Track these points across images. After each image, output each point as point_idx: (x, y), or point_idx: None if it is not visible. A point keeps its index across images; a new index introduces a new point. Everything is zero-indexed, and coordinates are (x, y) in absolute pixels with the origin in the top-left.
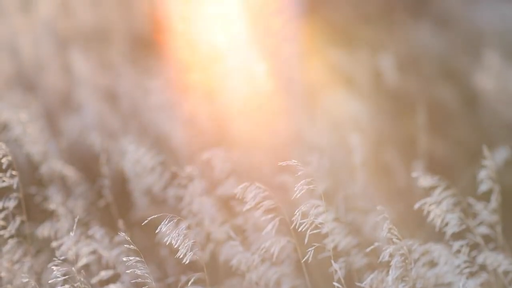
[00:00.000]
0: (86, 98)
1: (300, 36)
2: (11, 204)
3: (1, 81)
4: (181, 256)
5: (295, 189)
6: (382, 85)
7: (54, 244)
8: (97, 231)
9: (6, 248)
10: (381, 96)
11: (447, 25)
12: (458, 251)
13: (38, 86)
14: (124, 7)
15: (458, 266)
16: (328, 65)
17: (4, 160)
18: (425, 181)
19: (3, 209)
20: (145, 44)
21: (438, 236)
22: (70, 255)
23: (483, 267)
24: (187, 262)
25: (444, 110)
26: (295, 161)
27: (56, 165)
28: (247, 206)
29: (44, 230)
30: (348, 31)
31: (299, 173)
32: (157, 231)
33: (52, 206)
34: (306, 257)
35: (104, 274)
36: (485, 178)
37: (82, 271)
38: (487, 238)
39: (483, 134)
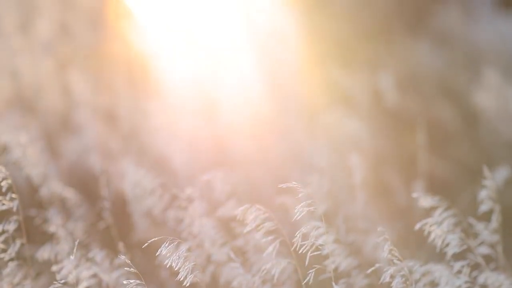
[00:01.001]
0: (85, 120)
1: (299, 55)
2: (11, 227)
3: (1, 102)
4: (181, 279)
5: (296, 211)
6: (382, 104)
7: (54, 267)
8: (97, 253)
9: (6, 271)
10: (381, 115)
11: (447, 43)
12: (459, 272)
13: (37, 107)
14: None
15: (459, 286)
16: (327, 84)
17: (4, 183)
18: (425, 201)
19: (3, 232)
20: (144, 66)
21: (439, 256)
22: (71, 278)
23: None
24: (187, 284)
25: (444, 129)
26: (295, 183)
27: (56, 187)
28: (248, 228)
29: (44, 253)
30: (347, 49)
31: (299, 195)
32: (157, 253)
33: (52, 228)
34: (307, 279)
35: None
36: (485, 198)
37: None
38: (488, 258)
39: (483, 153)
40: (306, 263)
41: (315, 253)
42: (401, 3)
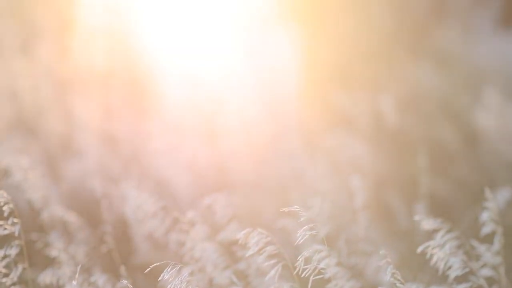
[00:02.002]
0: (86, 143)
1: (299, 77)
2: (13, 251)
3: (1, 126)
4: None
5: (298, 234)
6: (383, 125)
7: None
8: (99, 277)
9: None
10: (382, 136)
11: (447, 64)
12: None
13: (38, 130)
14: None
15: None
16: (328, 106)
17: (5, 208)
18: (427, 224)
19: (5, 256)
20: (145, 88)
21: (441, 279)
22: None
23: None
24: None
25: (445, 150)
26: (297, 207)
27: (57, 211)
28: (250, 252)
29: (46, 277)
30: (348, 71)
31: (301, 219)
32: (159, 278)
33: (54, 252)
34: None
35: None
36: (487, 220)
37: None
38: (490, 281)
39: (484, 174)
40: (309, 286)
41: (318, 276)
42: (401, 24)
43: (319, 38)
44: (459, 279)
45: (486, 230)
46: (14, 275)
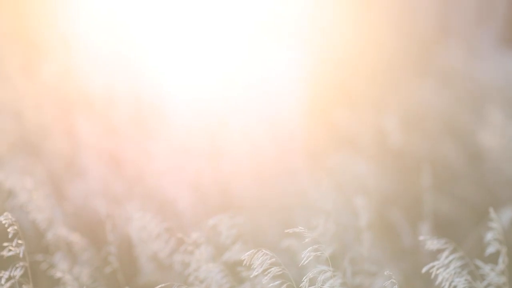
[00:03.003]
0: (90, 163)
1: (303, 96)
2: (17, 273)
3: (5, 146)
4: None
5: (303, 255)
6: (386, 144)
7: None
8: None
9: None
10: (386, 156)
11: (451, 82)
12: None
13: (42, 151)
14: (129, 71)
15: None
16: (331, 126)
17: (10, 229)
18: (432, 244)
19: (10, 278)
20: (150, 108)
21: None
22: None
23: None
24: None
25: (449, 169)
26: (301, 228)
27: (61, 232)
28: (255, 273)
29: None
30: (351, 90)
31: (306, 240)
32: None
33: (58, 273)
34: None
35: None
36: (492, 239)
37: None
38: None
39: (488, 192)
40: None
41: None
42: (404, 44)
43: (323, 58)
44: None
45: (490, 250)
46: None
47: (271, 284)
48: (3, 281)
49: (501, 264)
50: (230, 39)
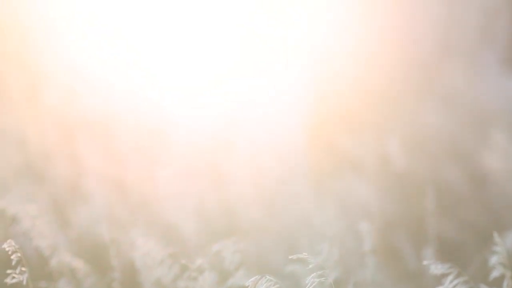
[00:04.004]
0: (94, 189)
1: (305, 120)
2: None
3: (9, 173)
4: None
5: (307, 281)
6: (390, 168)
7: None
8: None
9: None
10: (389, 179)
11: (454, 104)
12: None
13: (46, 177)
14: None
15: None
16: (334, 149)
17: (13, 257)
18: (436, 268)
19: None
20: (153, 134)
21: None
22: None
23: None
24: None
25: (453, 192)
26: (305, 254)
27: (65, 258)
28: None
29: None
30: (354, 113)
31: (310, 265)
32: None
33: None
34: None
35: None
36: (496, 263)
37: None
38: None
39: (492, 216)
40: None
41: None
42: (407, 65)
43: (327, 82)
44: None
45: (495, 274)
46: None
47: None
48: None
49: None
50: (234, 63)
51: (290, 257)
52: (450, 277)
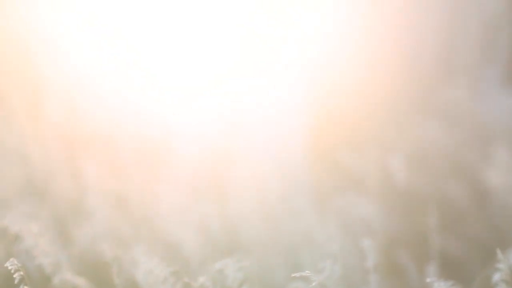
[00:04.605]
0: (96, 206)
1: (309, 137)
2: None
3: (11, 190)
4: None
5: None
6: (392, 184)
7: None
8: None
9: None
10: (392, 196)
11: (456, 121)
12: None
13: (48, 194)
14: (134, 112)
15: None
16: (337, 167)
17: (16, 275)
18: (439, 286)
19: None
20: (156, 150)
21: None
22: None
23: None
24: None
25: (455, 208)
26: (308, 272)
27: (67, 276)
28: None
29: None
30: (356, 131)
31: (313, 283)
32: None
33: None
34: None
35: None
36: (499, 281)
37: None
38: None
39: (496, 232)
40: None
41: None
42: (408, 83)
43: (327, 99)
44: None
45: None
46: None
47: None
48: None
49: None
50: (234, 79)
51: (293, 275)
52: None
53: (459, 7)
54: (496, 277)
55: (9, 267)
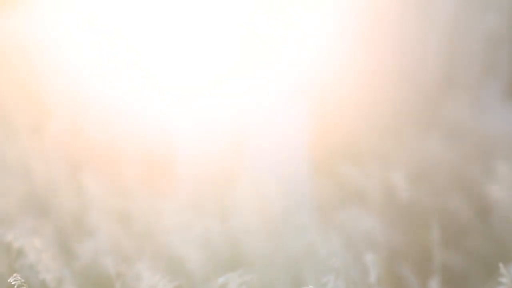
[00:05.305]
0: (99, 221)
1: (310, 152)
2: None
3: (14, 206)
4: None
5: None
6: (394, 199)
7: None
8: None
9: None
10: (394, 210)
11: (457, 135)
12: None
13: (51, 210)
14: (137, 128)
15: None
16: (339, 181)
17: None
18: None
19: None
20: (158, 165)
21: None
22: None
23: None
24: None
25: (457, 223)
26: (311, 286)
27: None
28: None
29: None
30: (358, 145)
31: None
32: None
33: None
34: None
35: None
36: None
37: None
38: None
39: (498, 247)
40: None
41: None
42: (410, 97)
43: (329, 112)
44: None
45: None
46: None
47: None
48: None
49: None
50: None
51: None
52: None
53: (461, 23)
54: None
55: (13, 282)
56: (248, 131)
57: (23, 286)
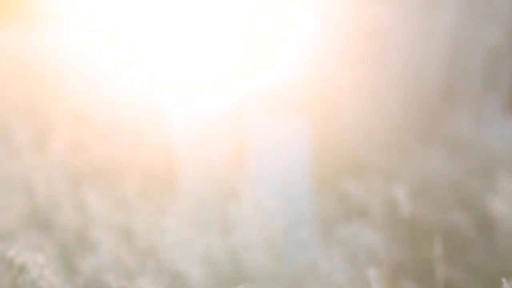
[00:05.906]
0: (101, 237)
1: (312, 167)
2: None
3: (16, 221)
4: None
5: None
6: (397, 214)
7: None
8: None
9: None
10: (396, 225)
11: (459, 150)
12: None
13: (53, 225)
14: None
15: None
16: (341, 196)
17: None
18: None
19: None
20: (160, 180)
21: None
22: None
23: None
24: None
25: (460, 237)
26: None
27: None
28: None
29: None
30: (360, 160)
31: None
32: None
33: None
34: None
35: None
36: None
37: None
38: None
39: (500, 261)
40: None
41: None
42: (412, 111)
43: (331, 127)
44: None
45: None
46: None
47: None
48: None
49: None
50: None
51: None
52: None
53: (463, 37)
54: None
55: None
56: (249, 144)
57: None
